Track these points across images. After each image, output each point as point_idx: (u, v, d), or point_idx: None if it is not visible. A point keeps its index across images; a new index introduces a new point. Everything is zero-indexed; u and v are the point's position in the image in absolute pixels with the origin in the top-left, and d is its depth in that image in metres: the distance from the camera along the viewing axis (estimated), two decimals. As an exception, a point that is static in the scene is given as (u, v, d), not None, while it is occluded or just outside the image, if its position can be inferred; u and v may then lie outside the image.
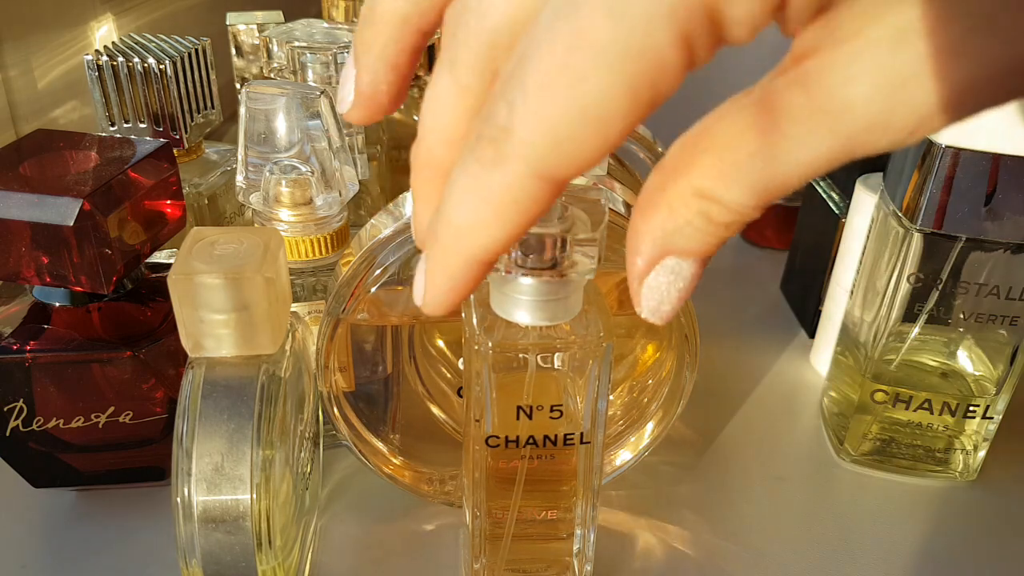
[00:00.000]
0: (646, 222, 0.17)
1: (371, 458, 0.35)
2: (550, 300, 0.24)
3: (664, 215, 0.17)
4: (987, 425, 0.37)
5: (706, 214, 0.16)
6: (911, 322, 0.36)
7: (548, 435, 0.28)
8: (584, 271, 0.23)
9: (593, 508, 0.30)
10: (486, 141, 0.16)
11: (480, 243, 0.17)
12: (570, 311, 0.25)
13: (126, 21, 0.57)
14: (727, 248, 0.59)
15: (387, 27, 0.19)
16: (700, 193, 0.16)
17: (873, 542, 0.36)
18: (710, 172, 0.16)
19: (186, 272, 0.26)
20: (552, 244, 0.23)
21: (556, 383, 0.27)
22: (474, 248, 0.17)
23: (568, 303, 0.25)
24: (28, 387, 0.32)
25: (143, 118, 0.40)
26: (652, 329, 0.37)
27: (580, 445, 0.28)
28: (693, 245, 0.17)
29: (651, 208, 0.17)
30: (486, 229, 0.17)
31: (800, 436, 0.42)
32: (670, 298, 0.18)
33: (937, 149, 0.32)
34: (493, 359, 0.26)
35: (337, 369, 0.33)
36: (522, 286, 0.24)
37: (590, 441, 0.28)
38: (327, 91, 0.34)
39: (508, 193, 0.16)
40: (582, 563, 0.31)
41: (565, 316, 0.25)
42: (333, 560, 0.34)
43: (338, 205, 0.34)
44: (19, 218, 0.29)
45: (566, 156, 0.15)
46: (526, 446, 0.28)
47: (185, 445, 0.26)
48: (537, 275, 0.23)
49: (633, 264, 0.18)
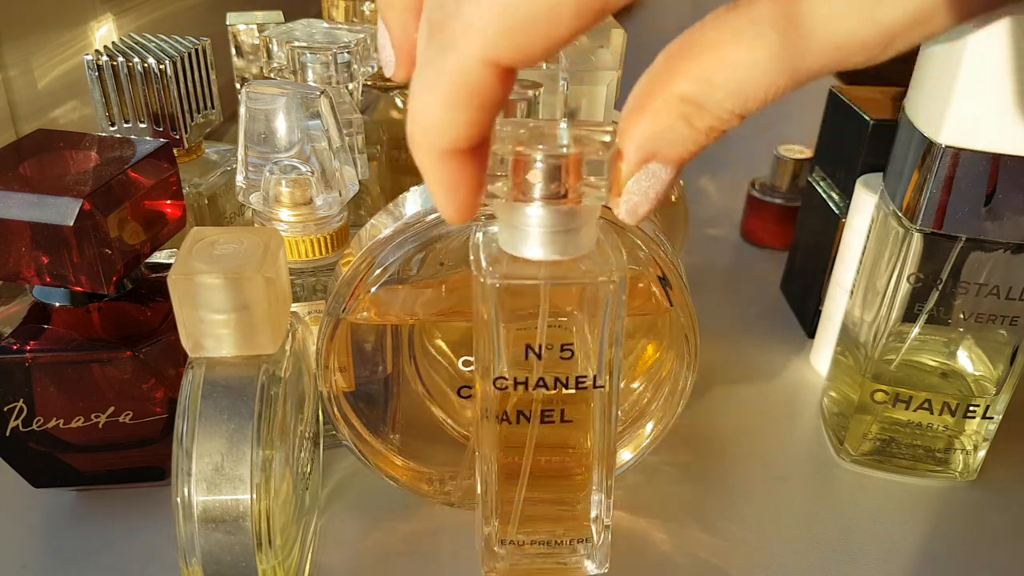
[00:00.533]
0: (631, 127, 0.18)
1: (371, 458, 0.35)
2: (560, 231, 0.23)
3: (648, 120, 0.18)
4: (987, 425, 0.37)
5: (688, 118, 0.17)
6: (911, 322, 0.36)
7: (560, 377, 0.27)
8: (596, 198, 0.22)
9: (609, 472, 0.29)
10: (436, 26, 0.16)
11: (442, 132, 0.17)
12: (582, 245, 0.24)
13: (126, 21, 0.57)
14: (727, 248, 0.60)
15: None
16: (683, 98, 0.17)
17: (873, 542, 0.36)
18: (693, 79, 0.17)
19: (186, 272, 0.26)
20: (561, 170, 0.22)
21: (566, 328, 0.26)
22: (439, 138, 0.17)
23: (580, 236, 0.24)
24: (28, 387, 0.32)
25: (143, 118, 0.40)
26: (652, 329, 0.37)
27: (593, 390, 0.27)
28: (674, 150, 0.18)
29: (637, 113, 0.18)
30: (442, 118, 0.17)
31: (800, 436, 0.42)
32: (648, 199, 0.19)
33: (937, 149, 0.32)
34: (500, 296, 0.25)
35: (337, 369, 0.33)
36: (530, 217, 0.23)
37: (603, 386, 0.27)
38: (327, 91, 0.34)
39: (460, 78, 0.16)
40: (600, 530, 0.31)
41: (577, 250, 0.24)
42: (333, 560, 0.34)
43: (338, 205, 0.34)
44: (19, 218, 0.29)
45: (515, 43, 0.16)
46: (537, 388, 0.27)
47: (185, 445, 0.26)
48: (546, 203, 0.22)
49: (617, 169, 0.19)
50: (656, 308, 0.32)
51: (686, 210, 0.48)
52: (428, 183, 0.19)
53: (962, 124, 0.31)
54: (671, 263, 0.31)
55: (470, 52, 0.16)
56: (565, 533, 0.31)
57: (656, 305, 0.32)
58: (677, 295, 0.32)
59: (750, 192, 0.59)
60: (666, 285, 0.31)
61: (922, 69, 0.34)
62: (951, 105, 0.31)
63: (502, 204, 0.23)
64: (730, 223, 0.62)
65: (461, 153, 0.18)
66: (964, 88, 0.30)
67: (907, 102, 0.35)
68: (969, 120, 0.31)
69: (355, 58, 0.40)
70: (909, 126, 0.34)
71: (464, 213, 0.19)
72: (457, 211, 0.19)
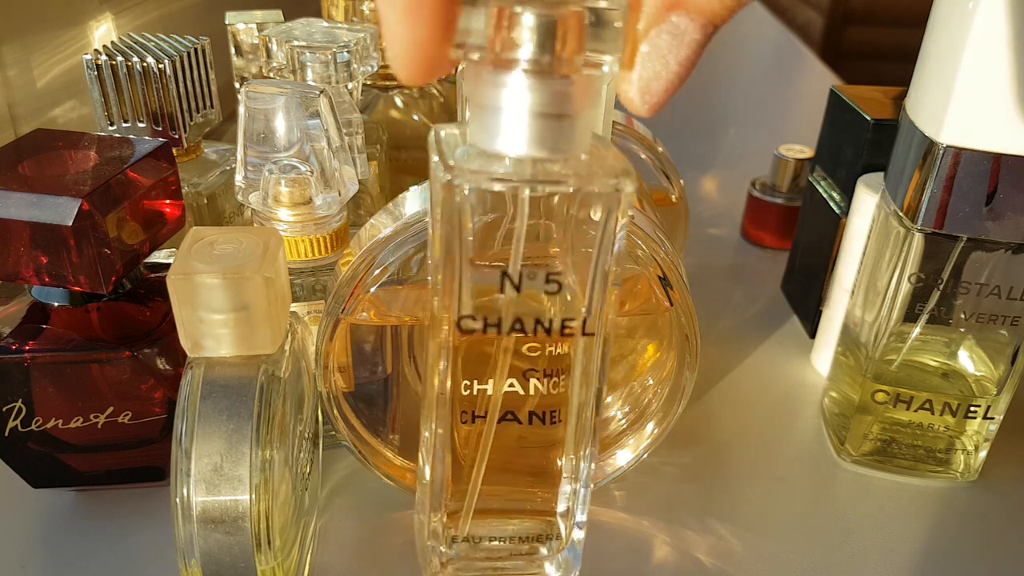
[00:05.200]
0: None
1: (371, 459, 0.35)
2: (550, 116, 0.17)
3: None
4: (988, 425, 0.37)
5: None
6: (912, 322, 0.36)
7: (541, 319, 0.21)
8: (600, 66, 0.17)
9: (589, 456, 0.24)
10: None
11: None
12: (575, 141, 0.18)
13: (125, 20, 0.57)
14: (727, 248, 0.60)
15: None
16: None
17: (874, 542, 0.36)
18: None
19: (185, 272, 0.26)
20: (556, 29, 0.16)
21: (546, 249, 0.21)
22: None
23: (574, 126, 0.18)
24: (27, 387, 0.32)
25: (142, 118, 0.40)
26: (653, 329, 0.37)
27: (581, 338, 0.22)
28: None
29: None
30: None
31: (801, 436, 0.42)
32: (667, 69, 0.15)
33: (938, 148, 0.32)
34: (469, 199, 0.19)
35: (336, 369, 0.33)
36: (512, 91, 0.17)
37: (593, 332, 0.21)
38: (326, 90, 0.33)
39: None
40: (569, 526, 0.26)
41: (568, 146, 0.18)
42: (333, 560, 0.34)
43: (337, 205, 0.34)
44: (18, 218, 0.29)
45: None
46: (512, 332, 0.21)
47: (184, 445, 0.26)
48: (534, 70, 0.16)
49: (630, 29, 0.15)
50: (656, 308, 0.32)
51: (686, 210, 0.48)
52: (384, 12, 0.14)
53: (963, 124, 0.31)
54: (671, 263, 0.31)
55: None
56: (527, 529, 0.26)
57: (656, 305, 0.32)
58: (677, 295, 0.32)
59: (750, 192, 0.59)
60: (666, 285, 0.31)
61: (922, 69, 0.34)
62: (952, 105, 0.31)
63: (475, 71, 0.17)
64: (730, 223, 0.62)
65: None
66: (964, 88, 0.30)
67: (908, 102, 0.35)
68: (970, 120, 0.31)
69: (355, 57, 0.40)
70: (910, 126, 0.34)
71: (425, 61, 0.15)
72: (418, 61, 0.15)
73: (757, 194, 0.59)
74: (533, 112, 0.17)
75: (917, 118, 0.33)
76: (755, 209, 0.59)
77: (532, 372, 0.23)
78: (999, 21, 0.29)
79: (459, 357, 0.22)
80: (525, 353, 0.23)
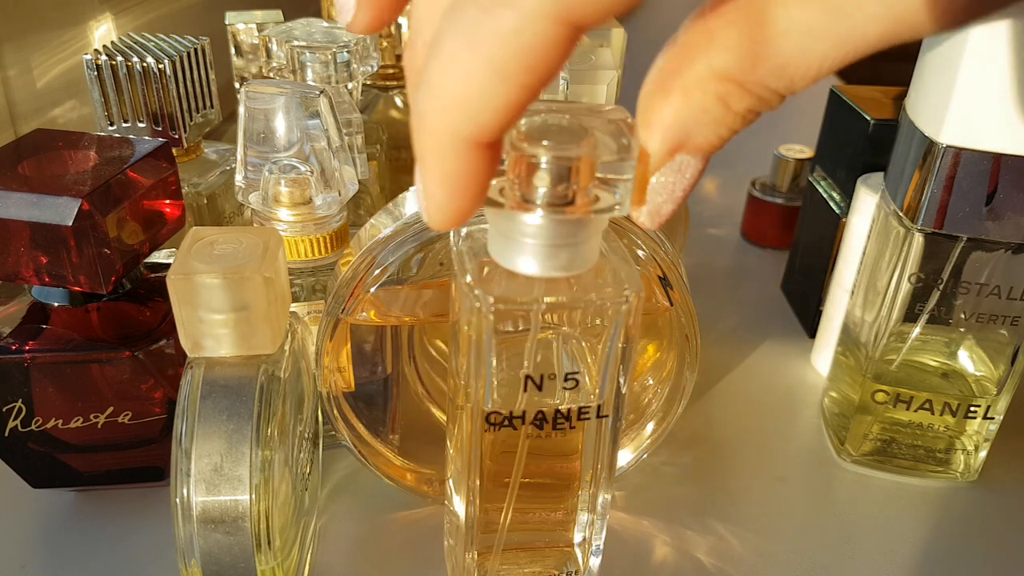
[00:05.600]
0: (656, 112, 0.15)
1: (371, 459, 0.35)
2: (564, 245, 0.19)
3: (679, 103, 0.15)
4: (988, 425, 0.37)
5: (724, 100, 0.14)
6: (912, 322, 0.36)
7: (561, 410, 0.23)
8: (607, 208, 0.18)
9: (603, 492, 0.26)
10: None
11: (476, 115, 0.14)
12: (587, 259, 0.20)
13: (125, 20, 0.57)
14: (727, 248, 0.59)
15: None
16: (720, 75, 0.14)
17: (873, 542, 0.36)
18: (733, 50, 0.14)
19: (185, 272, 0.26)
20: (571, 174, 0.18)
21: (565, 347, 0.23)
22: (466, 121, 0.14)
23: (585, 249, 0.20)
24: (27, 387, 0.32)
25: (142, 118, 0.40)
26: (653, 329, 0.37)
27: (596, 420, 0.24)
28: (706, 137, 0.15)
29: (662, 95, 0.15)
30: (483, 94, 0.13)
31: (801, 436, 0.42)
32: (673, 199, 0.17)
33: (938, 149, 0.32)
34: (495, 318, 0.21)
35: (336, 369, 0.33)
36: (530, 226, 0.19)
37: (608, 415, 0.24)
38: (326, 91, 0.33)
39: (516, 40, 0.13)
40: (587, 554, 0.28)
41: (581, 265, 0.20)
42: (333, 560, 0.34)
43: (337, 205, 0.34)
44: (18, 218, 0.29)
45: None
46: (532, 423, 0.23)
47: (184, 445, 0.26)
48: (550, 212, 0.18)
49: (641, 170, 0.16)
50: (656, 308, 0.32)
51: (686, 210, 0.48)
52: (427, 178, 0.15)
53: (963, 124, 0.31)
54: (671, 263, 0.31)
55: (535, 6, 0.13)
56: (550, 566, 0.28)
57: (656, 305, 0.32)
58: (677, 295, 0.32)
59: (750, 192, 0.59)
60: (666, 285, 0.31)
61: (922, 69, 0.34)
62: (952, 105, 0.31)
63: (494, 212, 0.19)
64: (730, 223, 0.62)
65: (483, 146, 0.15)
66: (964, 88, 0.30)
67: (908, 102, 0.35)
68: (970, 120, 0.31)
69: (354, 57, 0.40)
70: (910, 126, 0.34)
71: (459, 219, 0.16)
72: (452, 215, 0.16)
73: (757, 194, 0.58)
74: (549, 244, 0.19)
75: (917, 118, 0.33)
76: (755, 209, 0.59)
77: None
78: (999, 22, 0.29)
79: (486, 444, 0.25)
80: None
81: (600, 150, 0.18)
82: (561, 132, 0.18)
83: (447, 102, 0.14)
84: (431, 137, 0.15)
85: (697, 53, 0.14)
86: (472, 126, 0.14)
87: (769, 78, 0.14)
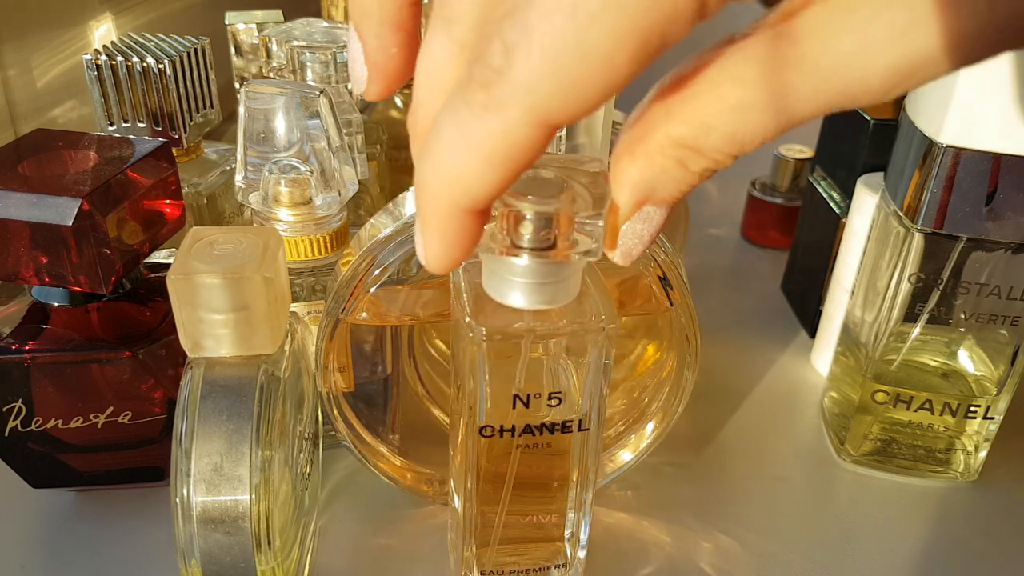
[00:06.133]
0: (624, 172, 0.18)
1: (371, 459, 0.35)
2: (548, 283, 0.23)
3: (642, 164, 0.17)
4: (988, 425, 0.37)
5: (683, 162, 0.17)
6: (912, 322, 0.36)
7: (546, 423, 0.27)
8: (585, 252, 0.22)
9: (587, 492, 0.29)
10: (477, 85, 0.15)
11: (469, 191, 0.16)
12: (569, 293, 0.23)
13: (125, 20, 0.57)
14: (727, 248, 0.59)
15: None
16: (678, 142, 0.16)
17: (873, 542, 0.36)
18: (688, 122, 0.16)
19: (185, 272, 0.26)
20: (551, 223, 0.21)
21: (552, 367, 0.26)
22: (463, 196, 0.17)
23: (567, 285, 0.23)
24: (27, 387, 0.32)
25: (142, 118, 0.40)
26: (653, 329, 0.37)
27: (578, 433, 0.27)
28: (668, 191, 0.18)
29: (629, 157, 0.17)
30: (476, 177, 0.16)
31: (801, 436, 0.42)
32: (642, 242, 0.19)
33: (938, 149, 0.32)
34: (486, 346, 0.25)
35: (336, 369, 0.33)
36: (518, 267, 0.22)
37: (588, 428, 0.27)
38: (326, 91, 0.33)
39: (502, 139, 0.15)
40: (575, 548, 0.31)
41: (564, 299, 0.23)
42: (333, 560, 0.34)
43: (337, 205, 0.34)
44: (18, 218, 0.29)
45: (568, 100, 0.15)
46: (522, 435, 0.27)
47: (184, 445, 0.26)
48: (535, 256, 0.21)
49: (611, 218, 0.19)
50: (656, 308, 0.32)
51: (686, 210, 0.48)
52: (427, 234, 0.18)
53: (963, 124, 0.31)
54: (671, 263, 0.31)
55: (518, 115, 0.15)
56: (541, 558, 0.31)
57: (656, 305, 0.32)
58: (677, 295, 0.32)
59: (750, 192, 0.59)
60: (666, 285, 0.31)
61: (923, 68, 0.33)
62: (952, 105, 0.31)
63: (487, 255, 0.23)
64: (730, 223, 0.62)
65: (475, 212, 0.17)
66: (964, 88, 0.30)
67: (908, 102, 0.35)
68: (970, 120, 0.31)
69: (355, 57, 0.40)
70: (910, 126, 0.34)
71: (453, 266, 0.19)
72: (448, 265, 0.18)
73: (757, 194, 0.58)
74: (534, 282, 0.23)
75: (917, 118, 0.33)
76: (755, 209, 0.59)
77: None
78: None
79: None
80: None
81: (578, 203, 0.21)
82: (544, 186, 0.21)
83: (446, 178, 0.16)
84: (432, 202, 0.17)
85: (659, 123, 0.17)
86: (467, 199, 0.17)
87: (721, 145, 0.16)
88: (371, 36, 0.19)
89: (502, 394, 0.26)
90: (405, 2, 0.19)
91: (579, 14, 0.14)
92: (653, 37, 0.14)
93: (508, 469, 0.28)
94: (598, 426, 0.27)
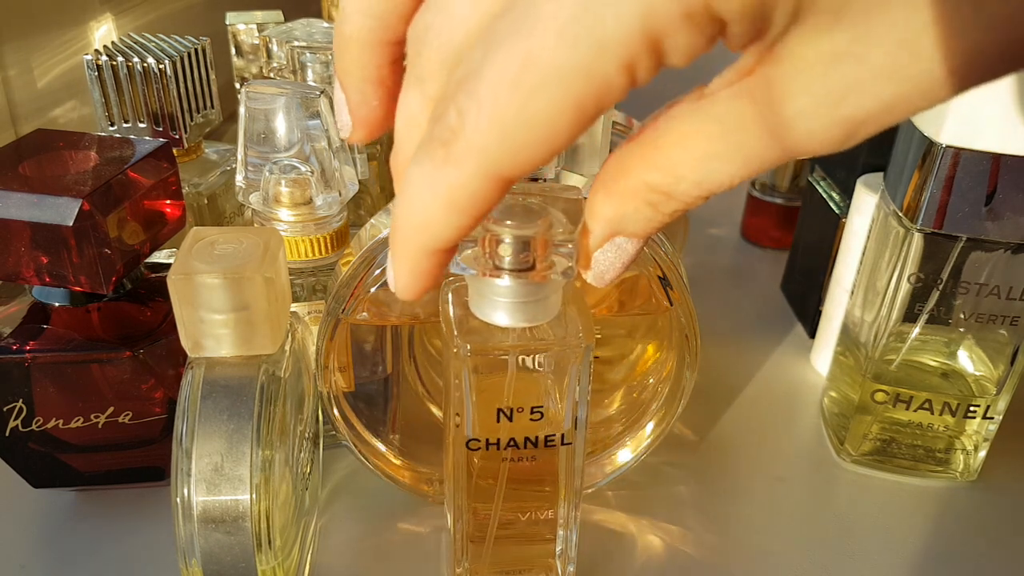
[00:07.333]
0: (599, 208, 0.19)
1: (371, 459, 0.35)
2: (529, 301, 0.24)
3: (616, 202, 0.19)
4: (988, 425, 0.37)
5: (654, 205, 0.18)
6: (911, 322, 0.36)
7: (529, 436, 0.28)
8: (562, 272, 0.23)
9: (575, 509, 0.30)
10: (437, 143, 0.17)
11: (434, 234, 0.18)
12: (549, 312, 0.25)
13: (125, 21, 0.57)
14: (727, 248, 0.60)
15: (358, 47, 0.20)
16: (651, 187, 0.18)
17: (873, 542, 0.36)
18: (660, 169, 0.18)
19: (186, 272, 0.26)
20: (530, 246, 0.23)
21: (536, 384, 0.27)
22: (429, 239, 0.18)
23: (547, 304, 0.25)
24: (27, 387, 0.32)
25: (143, 118, 0.40)
26: (653, 329, 0.37)
27: (561, 447, 0.28)
28: (638, 228, 0.19)
29: (604, 195, 0.19)
30: (439, 222, 0.18)
31: (800, 436, 0.42)
32: (614, 269, 0.21)
33: (938, 149, 0.32)
34: (472, 362, 0.26)
35: (337, 369, 0.33)
36: (500, 288, 0.24)
37: (571, 442, 0.28)
38: (327, 91, 0.34)
39: (459, 190, 0.17)
40: (564, 564, 0.31)
41: (544, 317, 0.25)
42: (333, 560, 0.34)
43: (338, 205, 0.34)
44: (18, 218, 0.29)
45: (517, 160, 0.16)
46: (507, 448, 0.28)
47: (184, 445, 0.26)
48: (515, 277, 0.23)
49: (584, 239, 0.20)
50: (656, 308, 0.32)
51: (686, 210, 0.48)
52: (398, 269, 0.20)
53: (962, 124, 0.31)
54: (671, 263, 0.31)
55: (473, 170, 0.17)
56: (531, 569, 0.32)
57: (656, 305, 0.32)
58: (677, 295, 0.32)
59: (750, 192, 0.59)
60: (666, 285, 0.31)
61: (923, 69, 0.33)
62: (951, 105, 0.31)
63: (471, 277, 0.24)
64: (730, 223, 0.62)
65: (441, 251, 0.19)
66: (965, 88, 0.30)
67: (907, 102, 0.35)
68: (969, 120, 0.31)
69: (355, 58, 0.40)
70: (909, 126, 0.34)
71: (420, 296, 0.20)
72: (417, 293, 0.20)
73: (757, 194, 0.59)
74: (515, 301, 0.24)
75: (917, 118, 0.33)
76: (755, 209, 0.59)
77: None
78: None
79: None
80: None
81: (554, 228, 0.22)
82: (523, 212, 0.23)
83: (415, 223, 0.18)
84: (403, 243, 0.19)
85: (633, 168, 0.18)
86: (433, 241, 0.18)
87: (690, 190, 0.18)
88: (353, 92, 0.21)
89: (488, 409, 0.27)
90: (384, 62, 0.20)
91: (521, 88, 0.15)
92: (589, 106, 0.16)
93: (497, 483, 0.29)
94: (580, 442, 0.28)
